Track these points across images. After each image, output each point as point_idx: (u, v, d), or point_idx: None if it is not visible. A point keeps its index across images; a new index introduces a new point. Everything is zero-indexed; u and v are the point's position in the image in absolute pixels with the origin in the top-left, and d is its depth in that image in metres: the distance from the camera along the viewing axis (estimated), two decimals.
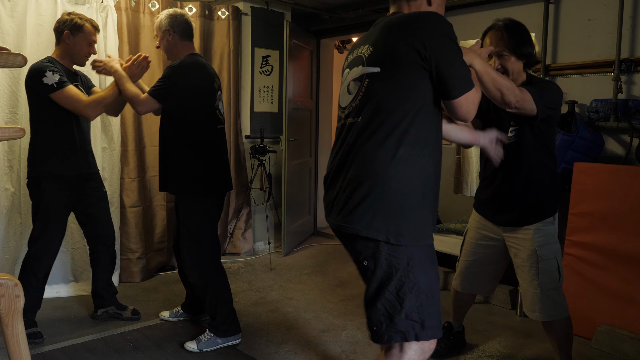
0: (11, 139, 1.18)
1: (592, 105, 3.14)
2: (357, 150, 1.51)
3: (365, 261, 1.50)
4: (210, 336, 2.59)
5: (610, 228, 2.77)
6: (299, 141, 4.71)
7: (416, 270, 1.48)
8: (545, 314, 2.17)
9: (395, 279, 1.48)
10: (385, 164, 1.46)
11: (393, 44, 1.47)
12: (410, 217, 1.47)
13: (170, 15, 2.58)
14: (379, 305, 1.50)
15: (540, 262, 2.13)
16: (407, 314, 1.48)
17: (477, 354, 2.66)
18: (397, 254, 1.47)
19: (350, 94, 1.58)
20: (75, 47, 2.70)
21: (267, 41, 4.50)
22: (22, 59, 1.10)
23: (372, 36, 1.58)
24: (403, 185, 1.46)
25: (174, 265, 3.99)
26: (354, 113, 1.55)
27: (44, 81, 2.53)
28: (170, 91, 2.46)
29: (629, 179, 2.74)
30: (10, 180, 3.11)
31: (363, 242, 1.49)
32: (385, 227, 1.45)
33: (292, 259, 4.39)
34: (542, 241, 2.13)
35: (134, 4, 3.64)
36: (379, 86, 1.49)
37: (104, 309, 2.98)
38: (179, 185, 2.57)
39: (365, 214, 1.47)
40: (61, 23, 2.69)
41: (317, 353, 2.64)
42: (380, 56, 1.50)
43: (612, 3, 3.10)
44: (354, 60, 1.61)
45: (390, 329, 1.49)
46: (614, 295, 2.74)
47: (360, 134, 1.51)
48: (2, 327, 1.10)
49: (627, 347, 2.59)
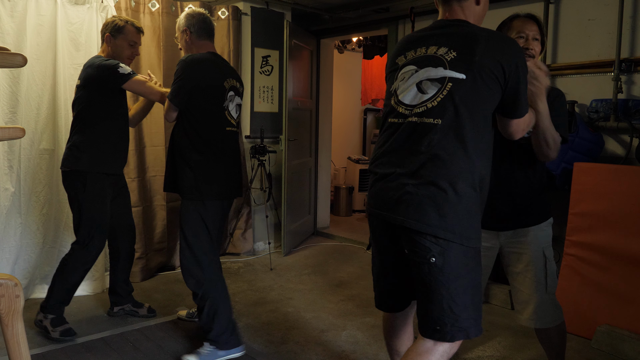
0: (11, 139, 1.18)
1: (592, 105, 3.14)
2: (435, 151, 1.54)
3: (433, 258, 1.54)
4: (211, 349, 2.47)
5: (610, 228, 2.77)
6: (299, 141, 4.71)
7: (477, 270, 1.59)
8: (548, 320, 2.06)
9: (462, 278, 1.54)
10: (460, 168, 1.53)
11: (482, 56, 1.55)
12: (474, 221, 1.57)
13: (188, 14, 2.55)
14: (445, 305, 1.54)
15: (548, 263, 2.05)
16: (470, 312, 1.56)
17: (477, 354, 2.66)
18: (465, 254, 1.54)
19: (423, 92, 1.59)
20: (116, 49, 2.72)
21: (267, 41, 4.50)
22: (22, 59, 1.10)
23: (449, 40, 1.60)
24: (472, 191, 1.55)
25: (174, 265, 3.99)
26: (433, 114, 1.56)
27: (120, 71, 2.59)
28: (180, 88, 2.39)
29: (629, 179, 2.74)
30: (10, 180, 3.11)
31: (433, 239, 1.53)
32: (458, 228, 1.52)
33: (292, 259, 4.39)
34: (546, 242, 2.08)
35: (133, 4, 3.64)
36: (463, 93, 1.54)
37: (120, 306, 3.00)
38: (178, 186, 2.49)
39: (441, 214, 1.52)
40: (104, 26, 2.74)
41: (317, 353, 2.64)
42: (467, 64, 1.55)
43: (612, 3, 3.10)
44: (427, 60, 1.61)
45: (455, 327, 1.54)
46: (614, 295, 2.74)
47: (442, 136, 1.54)
48: (2, 327, 1.10)
49: (627, 347, 2.59)
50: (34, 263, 3.25)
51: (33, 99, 3.17)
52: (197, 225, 2.45)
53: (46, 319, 2.67)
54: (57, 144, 3.25)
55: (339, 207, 6.27)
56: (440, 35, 1.62)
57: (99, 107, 2.68)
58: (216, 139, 2.46)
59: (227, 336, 2.49)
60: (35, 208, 3.23)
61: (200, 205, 2.44)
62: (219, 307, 2.47)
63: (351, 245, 4.91)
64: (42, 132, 3.22)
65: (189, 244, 2.45)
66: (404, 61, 1.68)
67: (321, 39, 5.21)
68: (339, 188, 6.29)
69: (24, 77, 3.10)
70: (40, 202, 3.24)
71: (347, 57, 6.92)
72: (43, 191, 3.24)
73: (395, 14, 4.41)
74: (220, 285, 2.52)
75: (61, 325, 2.68)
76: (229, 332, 2.50)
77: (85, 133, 2.68)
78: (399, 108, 1.64)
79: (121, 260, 2.94)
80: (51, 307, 2.69)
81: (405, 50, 1.69)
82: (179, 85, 2.39)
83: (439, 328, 1.55)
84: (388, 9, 4.48)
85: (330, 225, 5.61)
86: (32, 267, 3.24)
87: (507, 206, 2.05)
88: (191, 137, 2.42)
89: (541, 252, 2.05)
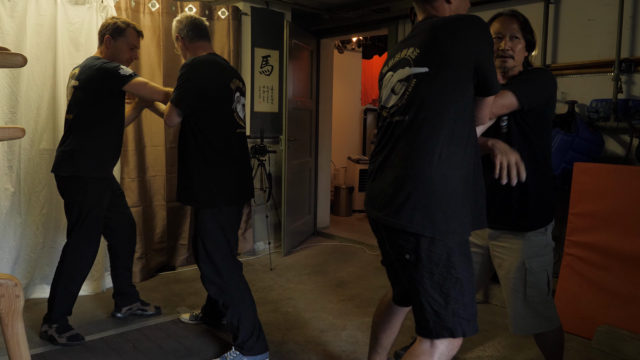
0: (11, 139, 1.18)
1: (592, 105, 3.14)
2: (402, 147, 1.56)
3: (407, 255, 1.55)
4: (236, 354, 2.43)
5: (610, 228, 2.77)
6: (299, 141, 4.71)
7: (457, 266, 1.54)
8: (530, 328, 2.01)
9: (437, 274, 1.53)
10: (429, 163, 1.51)
11: (441, 45, 1.54)
12: (450, 214, 1.52)
13: (176, 21, 2.52)
14: (424, 302, 1.55)
15: (529, 275, 1.94)
16: (454, 311, 1.54)
17: (477, 353, 2.66)
18: (437, 249, 1.51)
19: (396, 94, 1.63)
20: (116, 52, 2.69)
21: (267, 41, 4.50)
22: (22, 59, 1.10)
23: (416, 39, 1.63)
24: (446, 185, 1.51)
25: (174, 265, 3.99)
26: (400, 111, 1.60)
27: (121, 72, 2.57)
28: (187, 92, 2.31)
29: (629, 179, 2.74)
30: (10, 180, 3.11)
31: (405, 236, 1.54)
32: (429, 223, 1.50)
33: (292, 259, 4.39)
34: (531, 253, 1.95)
35: (133, 4, 3.64)
36: (426, 85, 1.55)
37: (128, 306, 2.98)
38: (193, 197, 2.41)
39: (410, 210, 1.51)
40: (103, 27, 2.70)
41: (317, 353, 2.64)
42: (428, 57, 1.56)
43: (612, 3, 3.10)
44: (399, 63, 1.66)
45: (438, 325, 1.55)
46: (614, 295, 2.74)
47: (406, 131, 1.56)
48: (2, 327, 1.10)
49: (627, 347, 2.59)
50: (34, 263, 3.25)
51: (33, 99, 3.17)
52: (217, 234, 2.41)
53: (50, 328, 2.65)
54: (57, 144, 3.23)
55: (339, 207, 6.27)
56: (412, 38, 1.67)
57: (98, 110, 2.63)
58: (227, 143, 2.41)
59: (253, 342, 2.44)
60: (35, 208, 3.23)
61: (218, 212, 2.39)
62: (242, 314, 2.43)
63: (351, 245, 4.91)
64: (42, 132, 3.22)
65: (209, 254, 2.41)
66: (386, 69, 1.75)
67: (321, 39, 5.21)
68: (339, 188, 6.29)
69: (24, 77, 3.10)
70: (40, 202, 3.24)
71: (347, 57, 6.92)
72: (43, 191, 3.24)
73: (395, 14, 4.41)
74: (244, 291, 2.49)
75: (67, 332, 2.65)
76: (254, 338, 2.45)
77: (84, 137, 2.63)
78: (383, 112, 1.71)
79: (124, 260, 2.93)
80: (55, 318, 2.66)
81: (389, 59, 1.76)
82: (184, 89, 2.32)
83: (424, 324, 1.57)
84: (388, 9, 4.49)
85: (330, 225, 5.61)
86: (32, 267, 3.24)
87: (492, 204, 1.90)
88: (201, 144, 2.36)
89: (522, 263, 1.95)
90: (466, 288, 1.55)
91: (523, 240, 1.96)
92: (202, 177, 2.37)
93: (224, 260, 2.43)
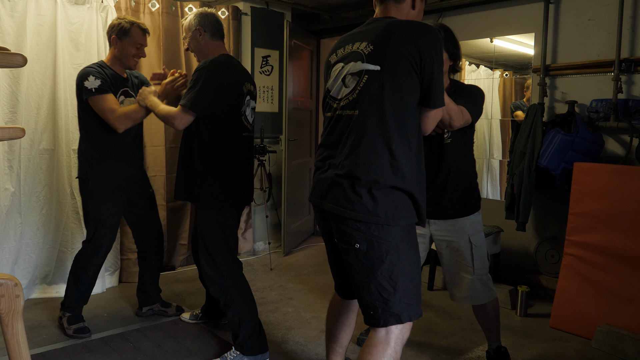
0: (11, 139, 1.18)
1: (592, 105, 3.14)
2: (351, 141, 1.62)
3: (357, 244, 1.58)
4: (236, 354, 2.43)
5: (610, 228, 2.77)
6: (299, 141, 4.72)
7: (405, 252, 1.60)
8: (480, 297, 2.31)
9: (387, 262, 1.57)
10: (379, 156, 1.58)
11: (395, 46, 1.58)
12: (402, 202, 1.60)
13: (201, 14, 2.50)
14: (373, 289, 1.58)
15: (475, 249, 2.26)
16: (401, 297, 1.58)
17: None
18: (387, 235, 1.56)
19: (347, 87, 1.68)
20: (122, 51, 2.71)
21: (267, 41, 4.50)
22: (22, 59, 1.10)
23: (369, 34, 1.66)
24: (395, 176, 1.58)
25: (174, 265, 3.99)
26: (351, 105, 1.65)
27: (85, 84, 2.57)
28: (202, 94, 2.27)
29: (629, 179, 2.74)
30: (10, 180, 3.11)
31: (355, 224, 1.58)
32: (378, 210, 1.56)
33: (292, 259, 4.39)
34: (473, 230, 2.28)
35: (134, 4, 3.64)
36: (377, 83, 1.59)
37: (149, 306, 3.04)
38: (194, 196, 2.42)
39: (359, 199, 1.57)
40: (110, 28, 2.72)
41: (317, 353, 2.64)
42: (382, 56, 1.60)
43: (612, 3, 3.10)
44: (350, 55, 1.69)
45: (386, 312, 1.58)
46: (614, 295, 2.75)
47: (356, 127, 1.61)
48: (2, 327, 1.10)
49: (627, 347, 2.59)
50: (34, 263, 3.25)
51: (33, 99, 3.17)
52: (218, 235, 2.41)
53: (64, 316, 2.78)
54: (57, 144, 3.25)
55: None
56: (366, 32, 1.70)
57: (90, 112, 2.64)
58: (232, 146, 2.40)
59: (253, 342, 2.44)
60: (35, 208, 3.23)
61: (220, 213, 2.41)
62: (243, 314, 2.43)
63: None
64: (42, 132, 3.22)
65: (211, 254, 2.41)
66: (335, 59, 1.78)
67: (321, 39, 5.21)
68: None
69: (24, 77, 3.10)
70: (40, 202, 3.24)
71: None
72: (43, 191, 3.24)
73: None
74: (244, 291, 2.49)
75: (76, 324, 2.76)
76: (254, 337, 2.45)
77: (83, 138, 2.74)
78: (332, 103, 1.74)
79: (149, 263, 2.98)
80: (69, 306, 2.78)
81: (337, 48, 1.79)
82: (198, 91, 2.27)
83: (372, 313, 1.60)
84: None
85: None
86: (32, 267, 3.24)
87: (438, 199, 2.25)
88: (206, 145, 2.36)
89: (468, 239, 2.26)
90: (413, 274, 1.62)
91: (466, 220, 2.28)
92: (206, 178, 2.37)
93: (224, 259, 2.44)
